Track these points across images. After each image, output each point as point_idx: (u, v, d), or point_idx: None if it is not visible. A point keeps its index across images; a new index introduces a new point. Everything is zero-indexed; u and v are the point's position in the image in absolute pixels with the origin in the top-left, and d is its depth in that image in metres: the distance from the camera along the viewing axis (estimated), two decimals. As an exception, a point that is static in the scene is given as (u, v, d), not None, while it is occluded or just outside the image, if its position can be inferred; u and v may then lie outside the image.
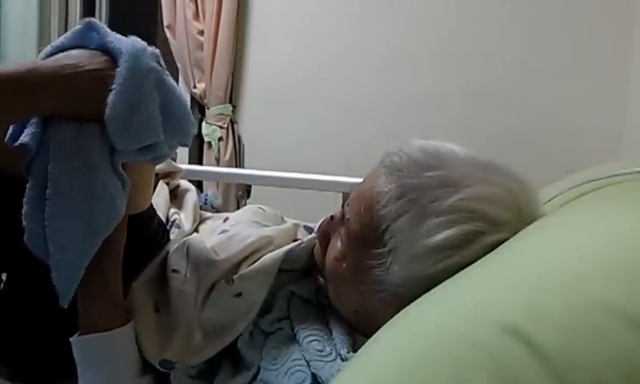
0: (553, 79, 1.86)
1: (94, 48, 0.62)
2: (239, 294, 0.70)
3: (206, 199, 1.20)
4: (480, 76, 1.93)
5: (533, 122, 1.88)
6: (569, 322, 0.37)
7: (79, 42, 0.63)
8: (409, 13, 2.00)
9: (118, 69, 0.60)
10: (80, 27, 0.64)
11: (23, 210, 0.59)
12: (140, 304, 0.70)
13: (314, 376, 0.61)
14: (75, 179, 0.60)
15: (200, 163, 2.28)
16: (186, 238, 0.78)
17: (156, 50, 0.65)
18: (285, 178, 1.43)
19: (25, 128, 0.61)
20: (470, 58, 1.94)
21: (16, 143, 0.59)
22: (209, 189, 2.08)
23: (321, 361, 0.62)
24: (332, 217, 0.72)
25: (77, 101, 0.59)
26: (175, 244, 0.77)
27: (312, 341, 0.65)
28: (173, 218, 0.86)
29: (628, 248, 0.41)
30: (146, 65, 0.61)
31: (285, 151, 2.10)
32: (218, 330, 0.69)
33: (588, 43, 1.83)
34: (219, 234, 0.82)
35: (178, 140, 0.69)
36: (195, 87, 2.21)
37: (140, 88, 0.60)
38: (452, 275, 0.54)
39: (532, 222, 0.58)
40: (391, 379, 0.43)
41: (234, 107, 2.21)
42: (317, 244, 0.74)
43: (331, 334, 0.67)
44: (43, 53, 0.63)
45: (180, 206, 0.92)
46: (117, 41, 0.62)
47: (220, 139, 2.18)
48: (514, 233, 0.57)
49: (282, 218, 0.93)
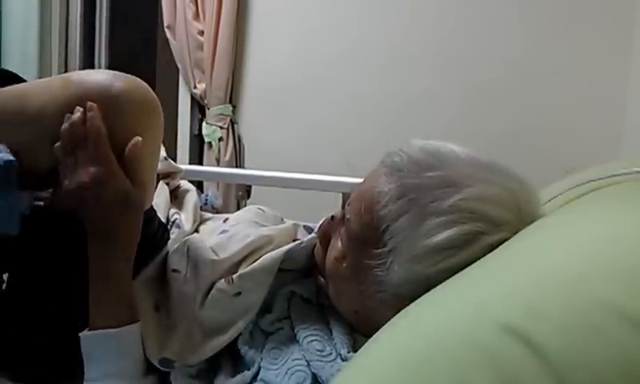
0: (553, 79, 1.86)
1: None
2: (239, 294, 0.70)
3: (207, 199, 1.20)
4: (480, 76, 1.93)
5: (533, 122, 1.88)
6: (569, 322, 0.37)
7: None
8: (409, 13, 2.00)
9: None
10: None
11: None
12: (140, 303, 0.70)
13: (314, 376, 0.61)
14: None
15: (200, 163, 2.28)
16: (187, 238, 0.78)
17: None
18: (285, 178, 1.43)
19: None
20: (470, 58, 1.93)
21: None
22: (209, 189, 2.08)
23: (321, 361, 0.62)
24: (332, 217, 0.72)
25: None
26: (175, 244, 0.77)
27: (312, 341, 0.65)
28: (173, 219, 0.86)
29: (628, 248, 0.41)
30: None
31: (285, 151, 2.10)
32: (218, 330, 0.69)
33: (588, 43, 1.82)
34: (219, 234, 0.82)
35: None
36: (195, 87, 2.21)
37: None
38: (452, 275, 0.54)
39: (532, 222, 0.58)
40: (391, 379, 0.43)
41: (234, 107, 2.21)
42: (317, 244, 0.74)
43: (331, 334, 0.67)
44: None
45: (180, 207, 0.92)
46: None
47: (220, 139, 2.18)
48: (515, 233, 0.57)
49: (282, 220, 0.93)
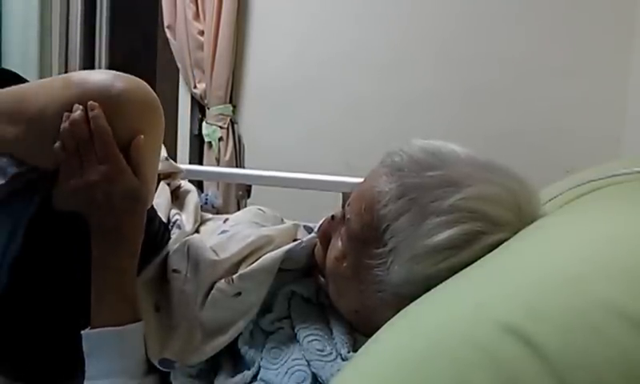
0: (553, 79, 1.86)
1: None
2: (239, 294, 0.70)
3: (207, 199, 1.20)
4: (480, 76, 1.93)
5: (533, 122, 1.88)
6: (569, 323, 0.37)
7: None
8: (409, 13, 2.00)
9: None
10: None
11: None
12: (141, 303, 0.70)
13: (315, 376, 0.61)
14: None
15: (200, 163, 2.28)
16: (187, 238, 0.78)
17: None
18: (285, 178, 1.43)
19: None
20: (470, 58, 1.93)
21: None
22: (209, 189, 2.08)
23: (321, 360, 0.62)
24: (333, 216, 0.72)
25: None
26: (176, 244, 0.77)
27: (312, 340, 0.65)
28: (174, 219, 0.86)
29: (628, 248, 0.41)
30: None
31: (285, 151, 2.10)
32: (218, 330, 0.69)
33: (588, 43, 1.82)
34: (219, 234, 0.82)
35: None
36: (195, 87, 2.21)
37: None
38: (452, 275, 0.54)
39: (532, 222, 0.58)
40: (391, 379, 0.43)
41: (234, 107, 2.21)
42: (317, 244, 0.74)
43: (332, 334, 0.67)
44: None
45: (181, 207, 0.92)
46: None
47: (220, 139, 2.18)
48: (515, 233, 0.57)
49: (282, 220, 0.93)
